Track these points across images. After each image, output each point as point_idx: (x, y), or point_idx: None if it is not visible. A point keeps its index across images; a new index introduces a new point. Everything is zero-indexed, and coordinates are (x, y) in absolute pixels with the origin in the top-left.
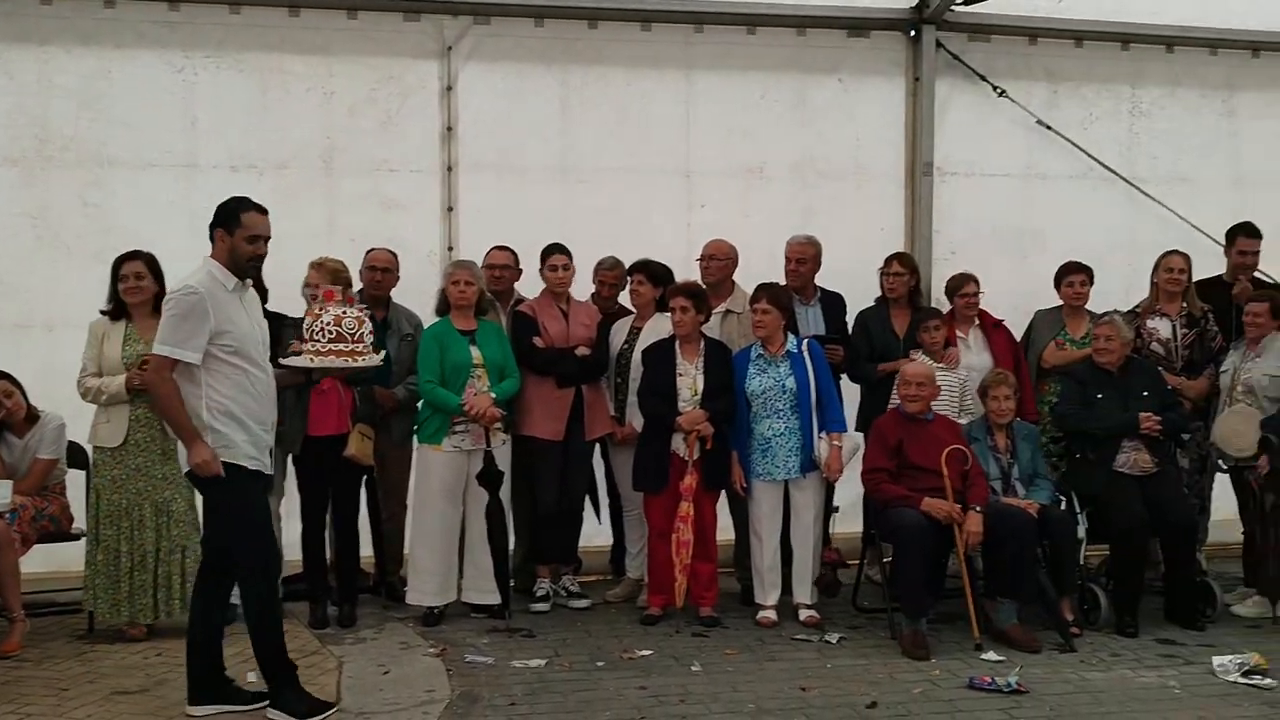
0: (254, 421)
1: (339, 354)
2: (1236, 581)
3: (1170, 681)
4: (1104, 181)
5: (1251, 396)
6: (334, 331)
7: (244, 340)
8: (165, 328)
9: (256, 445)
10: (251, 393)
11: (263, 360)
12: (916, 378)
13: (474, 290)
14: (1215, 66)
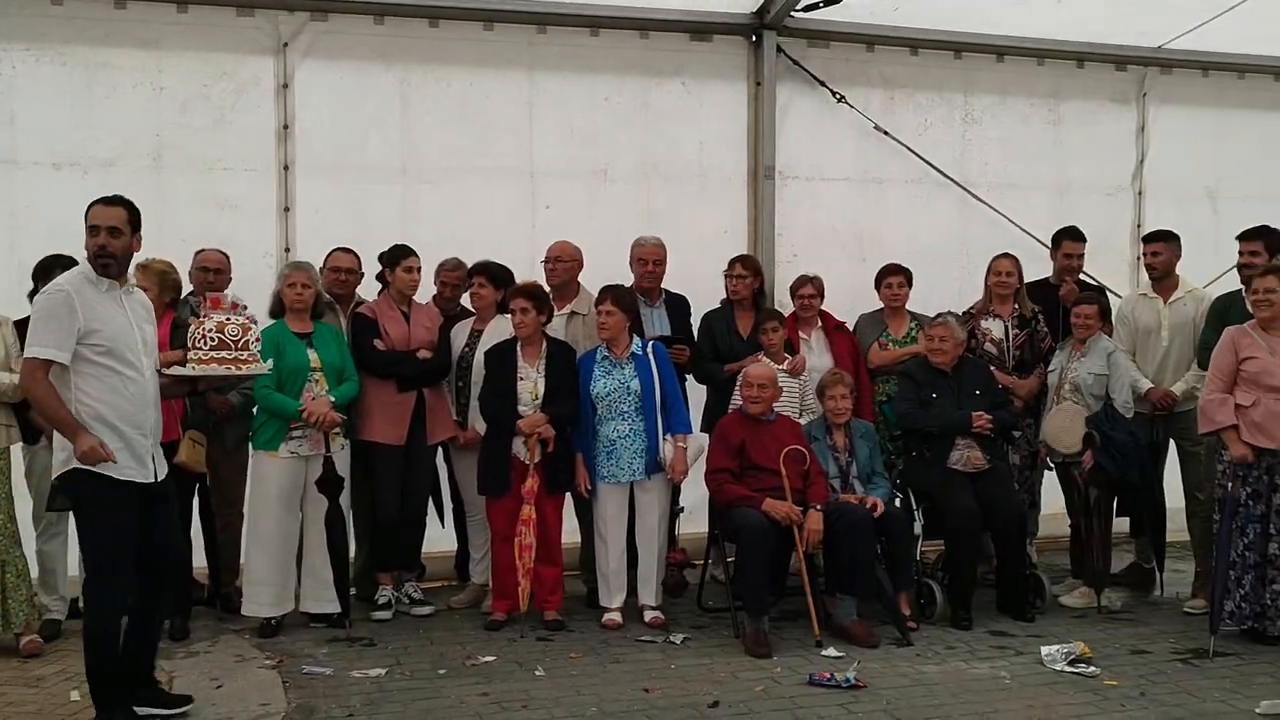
0: (129, 426)
1: (221, 362)
2: (1064, 573)
3: (1001, 672)
4: (938, 186)
5: (1078, 395)
6: (216, 339)
7: (116, 340)
8: (32, 329)
9: (132, 451)
10: (124, 395)
11: (139, 362)
12: (758, 379)
13: (310, 293)
14: (1042, 76)
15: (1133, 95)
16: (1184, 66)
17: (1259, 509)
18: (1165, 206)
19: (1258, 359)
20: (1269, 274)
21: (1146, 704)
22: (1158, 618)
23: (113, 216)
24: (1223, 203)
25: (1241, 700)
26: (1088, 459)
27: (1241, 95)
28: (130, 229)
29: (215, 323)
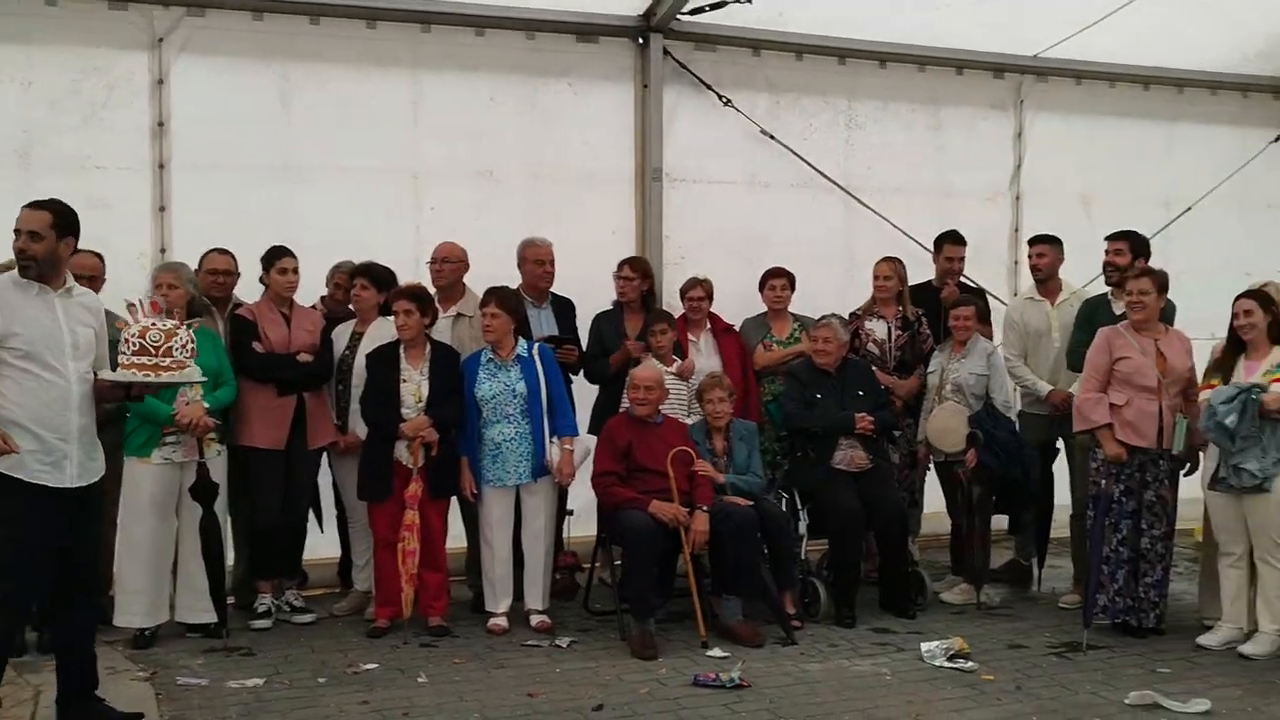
0: (46, 430)
1: (141, 368)
2: (945, 570)
3: (883, 669)
4: (823, 190)
5: (959, 395)
6: (137, 344)
7: (37, 343)
8: None
9: (49, 455)
10: (43, 399)
11: (64, 366)
12: (645, 381)
13: (178, 294)
14: (923, 82)
15: (1010, 102)
16: (1058, 75)
17: (1131, 505)
18: (1041, 211)
19: (1131, 359)
20: (1142, 277)
21: (1022, 697)
22: (1034, 613)
23: (34, 220)
24: (1095, 207)
25: (1112, 692)
26: (971, 457)
27: (1112, 103)
28: (56, 232)
29: (139, 328)
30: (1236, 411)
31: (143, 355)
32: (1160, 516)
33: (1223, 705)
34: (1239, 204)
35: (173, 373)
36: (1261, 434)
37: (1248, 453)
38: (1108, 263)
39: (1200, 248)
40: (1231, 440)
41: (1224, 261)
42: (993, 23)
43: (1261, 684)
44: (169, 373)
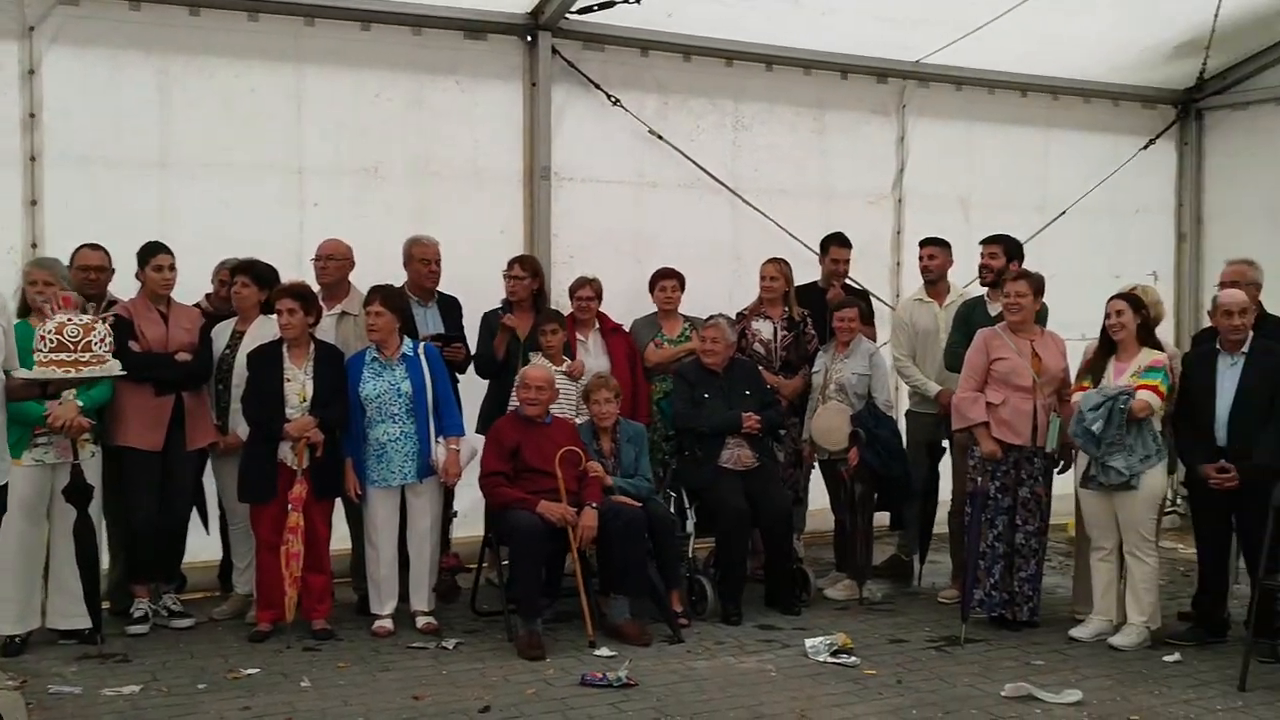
0: None
1: (60, 364)
2: (829, 567)
3: (768, 665)
4: (710, 190)
5: (843, 394)
6: (55, 340)
7: None
8: None
9: None
10: None
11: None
12: (537, 381)
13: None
14: (809, 86)
15: (893, 107)
16: (939, 81)
17: (1007, 501)
18: (923, 214)
19: (1007, 359)
20: (1019, 279)
21: (902, 691)
22: (915, 607)
23: None
24: (974, 211)
25: (989, 684)
26: (854, 456)
27: (991, 109)
28: None
29: (55, 324)
30: (1103, 418)
31: (61, 351)
32: (1034, 512)
33: (1093, 695)
34: (1110, 209)
35: (93, 367)
36: (1128, 435)
37: (1115, 453)
38: (983, 265)
39: (1073, 251)
40: (1098, 446)
41: (1095, 265)
42: (877, 29)
43: (1130, 674)
44: (89, 368)
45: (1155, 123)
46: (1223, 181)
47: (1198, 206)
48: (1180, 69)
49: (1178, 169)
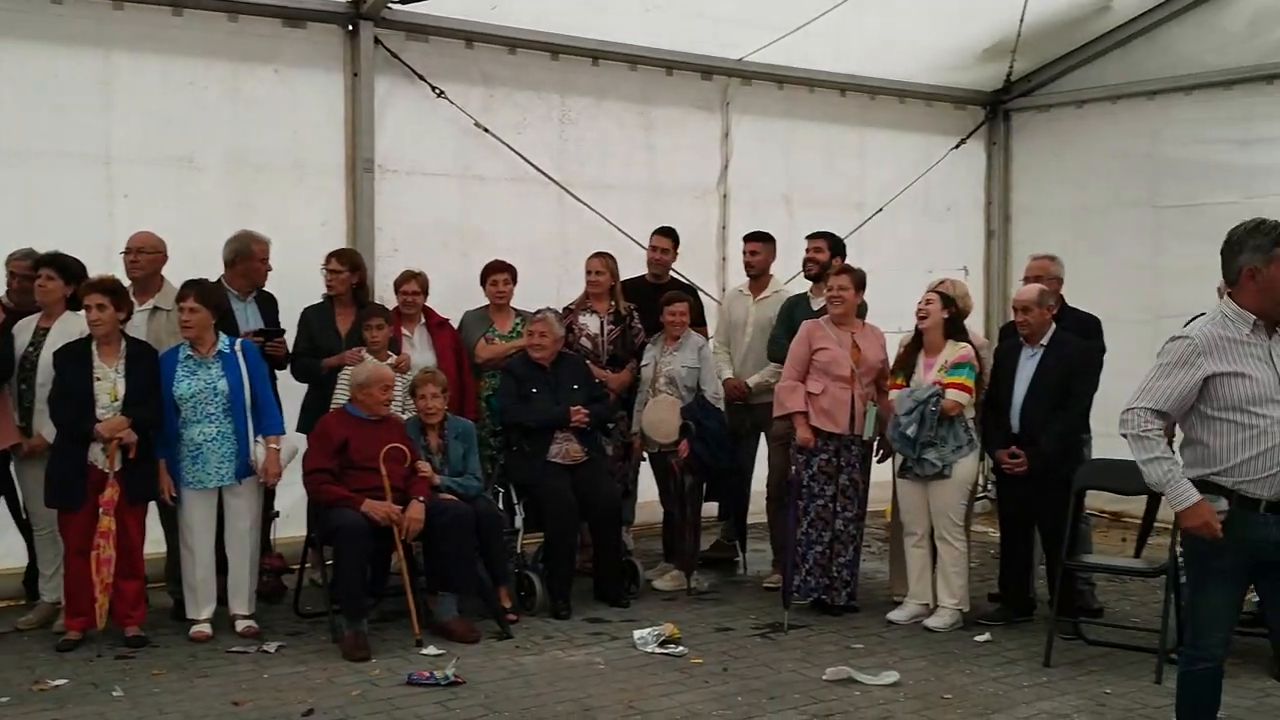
0: None
1: None
2: (658, 558)
3: (597, 658)
4: (538, 184)
5: (672, 387)
6: None
7: None
8: None
9: None
10: None
11: None
12: (386, 380)
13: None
14: (635, 81)
15: (717, 103)
16: (762, 79)
17: (829, 489)
18: (747, 209)
19: (828, 350)
20: (842, 273)
21: (728, 678)
22: (741, 596)
23: None
24: (796, 207)
25: (811, 669)
26: (684, 448)
27: (812, 108)
28: None
29: None
30: (916, 422)
31: None
32: (853, 499)
33: (910, 676)
34: (924, 206)
35: None
36: (941, 428)
37: (929, 446)
38: (808, 259)
39: (889, 247)
40: (913, 448)
41: (911, 260)
42: (701, 26)
43: (944, 655)
44: None
45: (966, 123)
46: (1029, 180)
47: (1006, 204)
48: (989, 72)
49: (987, 168)
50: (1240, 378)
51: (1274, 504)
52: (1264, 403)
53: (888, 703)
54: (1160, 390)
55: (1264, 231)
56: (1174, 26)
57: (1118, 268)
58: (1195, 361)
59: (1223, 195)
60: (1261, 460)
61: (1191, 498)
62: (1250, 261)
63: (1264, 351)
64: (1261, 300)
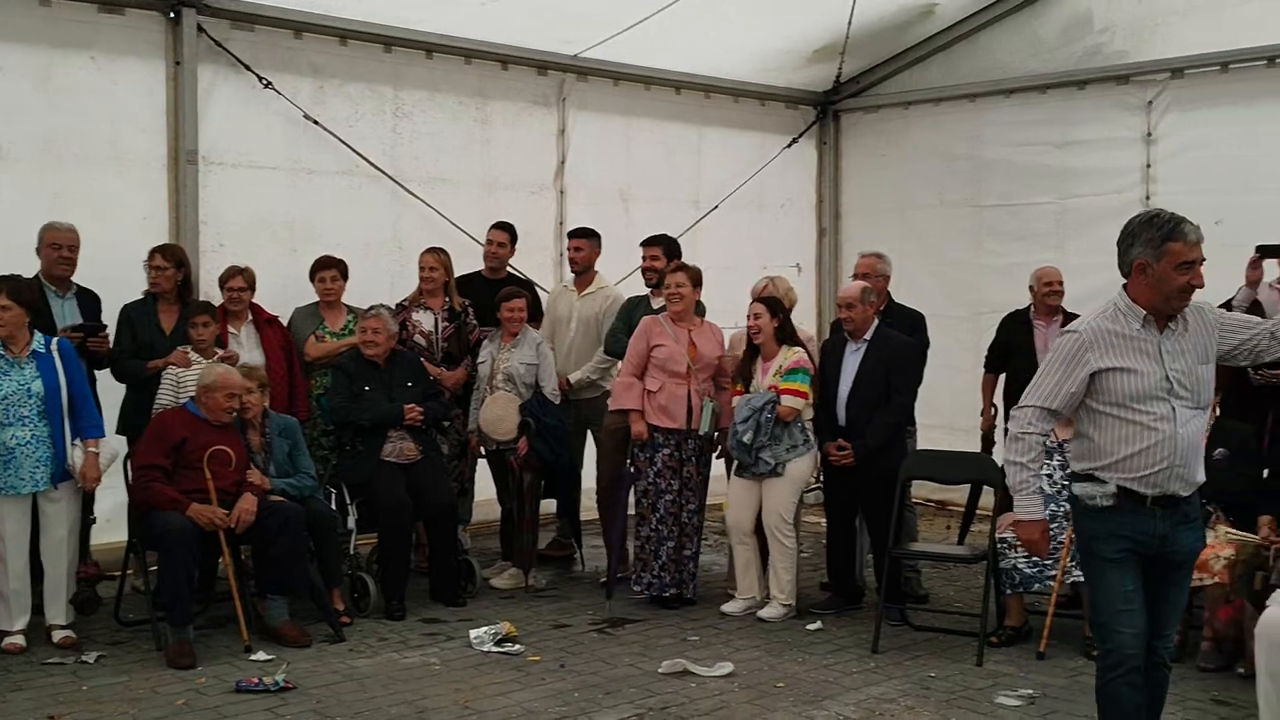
0: None
1: None
2: (495, 556)
3: (432, 659)
4: (370, 178)
5: (510, 384)
6: None
7: None
8: None
9: None
10: None
11: None
12: (235, 387)
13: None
14: (470, 75)
15: (553, 99)
16: (598, 75)
17: (674, 484)
18: (584, 206)
19: (665, 346)
20: (679, 271)
21: (565, 675)
22: (579, 592)
23: None
24: (633, 204)
25: (648, 662)
26: (523, 445)
27: (648, 105)
28: None
29: None
30: (752, 429)
31: None
32: (695, 492)
33: (744, 666)
34: (759, 204)
35: None
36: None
37: (766, 447)
38: (646, 268)
39: (725, 243)
40: (750, 454)
41: (746, 256)
42: (537, 21)
43: (777, 644)
44: None
45: (798, 123)
46: (858, 179)
47: (836, 202)
48: (819, 73)
49: (818, 167)
50: (1127, 373)
51: (1159, 499)
52: (1150, 399)
53: (722, 693)
54: (1048, 388)
55: (1156, 225)
56: (994, 32)
57: (941, 265)
58: (1081, 357)
59: (1039, 196)
60: (1145, 456)
61: (1034, 513)
62: (1142, 255)
63: (1154, 347)
64: (1152, 295)
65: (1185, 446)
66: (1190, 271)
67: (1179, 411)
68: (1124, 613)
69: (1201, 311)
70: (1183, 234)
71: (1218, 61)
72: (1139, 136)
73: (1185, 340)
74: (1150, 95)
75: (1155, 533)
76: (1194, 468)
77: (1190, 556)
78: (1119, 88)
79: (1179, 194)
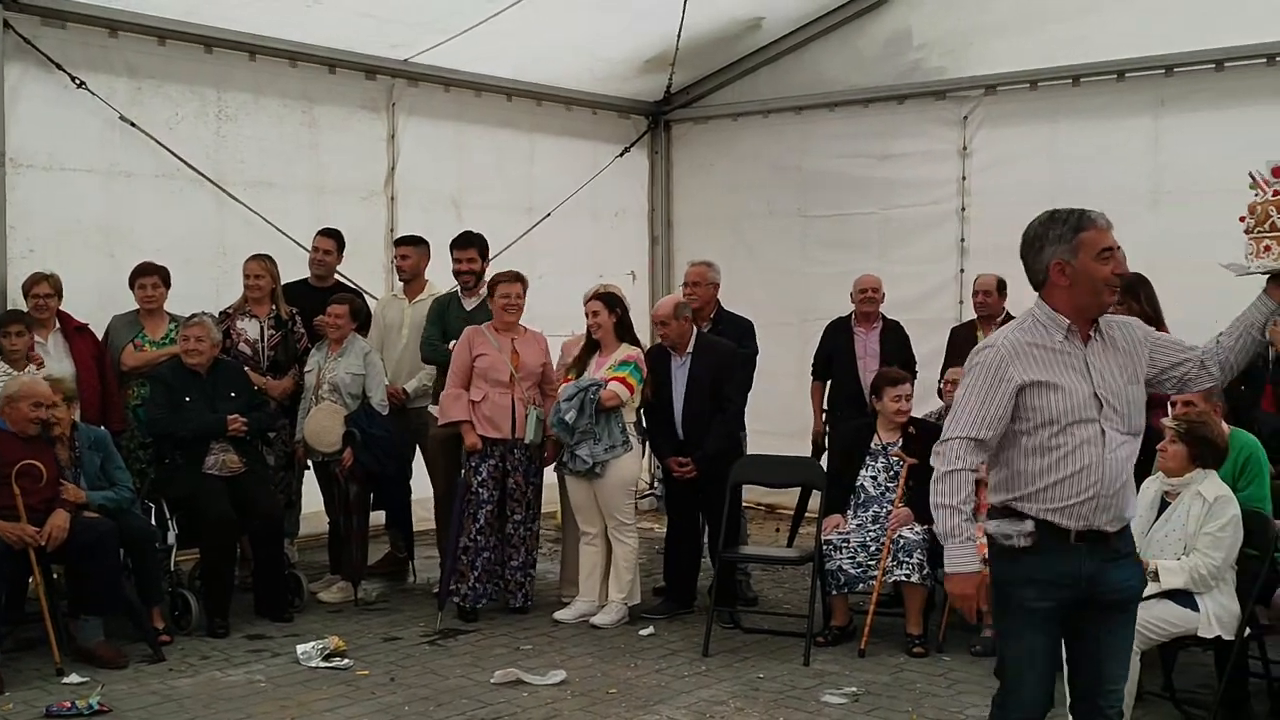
0: None
1: None
2: (324, 570)
3: (258, 676)
4: (192, 182)
5: (336, 394)
6: None
7: None
8: None
9: None
10: None
11: None
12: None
13: None
14: (296, 78)
15: (383, 104)
16: (428, 80)
17: (496, 494)
18: (416, 212)
19: (488, 355)
20: (515, 281)
21: (395, 689)
22: (410, 604)
23: None
24: (466, 210)
25: (480, 673)
26: (348, 456)
27: (480, 112)
28: None
29: None
30: (576, 408)
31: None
32: (521, 502)
33: (576, 674)
34: (593, 212)
35: None
36: (598, 425)
37: (584, 441)
38: (462, 270)
39: (560, 251)
40: (571, 434)
41: (581, 264)
42: (364, 25)
43: (610, 650)
44: None
45: (630, 132)
46: (689, 188)
47: (668, 211)
48: (650, 83)
49: (650, 176)
50: (1052, 389)
51: (1084, 534)
52: (1075, 420)
53: (555, 701)
54: (971, 414)
55: (1061, 220)
56: (819, 46)
57: (770, 273)
58: (1003, 373)
59: (862, 206)
60: (1069, 485)
61: (964, 566)
62: (1055, 255)
63: (1079, 361)
64: (1075, 297)
65: (1114, 475)
66: (1112, 259)
67: (1109, 435)
68: (1032, 672)
69: (1129, 327)
70: (1092, 221)
71: (1027, 79)
72: (955, 150)
73: (1113, 356)
74: (965, 110)
75: (1081, 573)
76: (1124, 500)
77: (1129, 597)
78: (937, 103)
79: (991, 206)
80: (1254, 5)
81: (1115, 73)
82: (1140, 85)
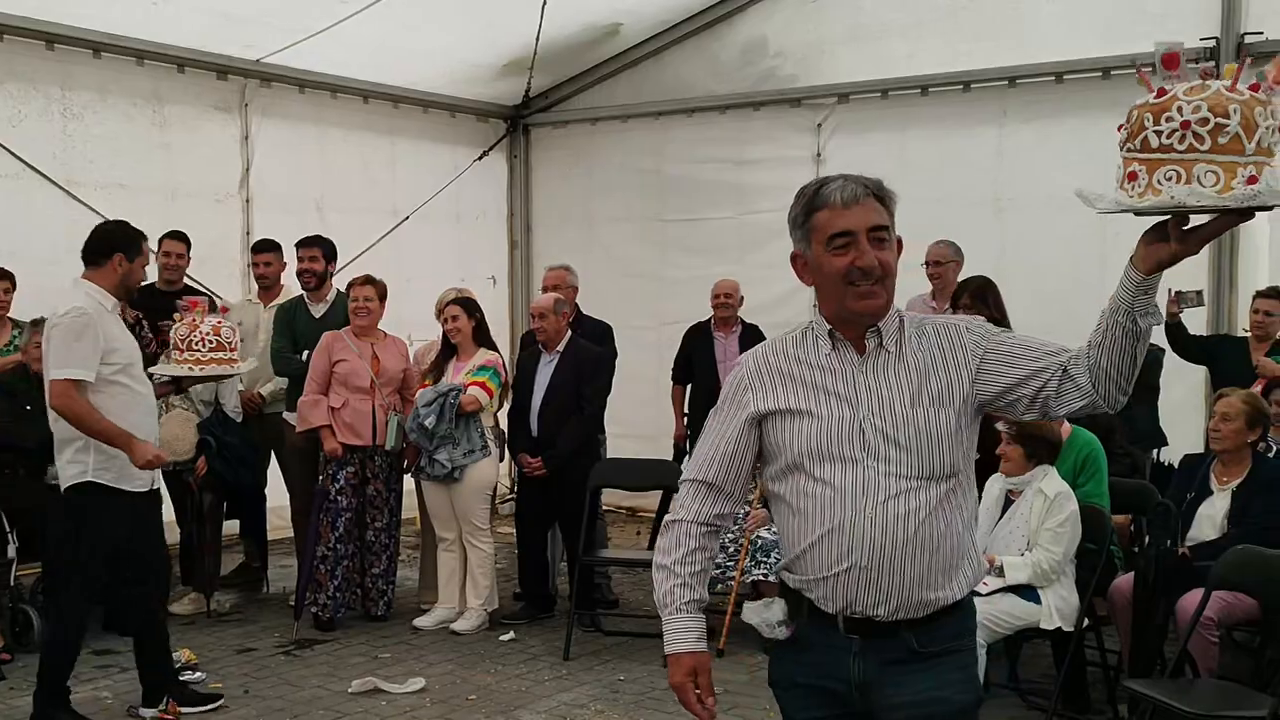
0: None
1: (219, 362)
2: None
3: (104, 692)
4: (38, 183)
5: (188, 401)
6: (214, 341)
7: (130, 357)
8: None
9: None
10: (139, 410)
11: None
12: None
13: None
14: (144, 77)
15: (235, 104)
16: (282, 82)
17: (355, 501)
18: (275, 215)
19: (347, 361)
20: (366, 284)
21: (249, 700)
22: (266, 614)
23: None
24: (329, 213)
25: (337, 683)
26: (201, 465)
27: (338, 114)
28: None
29: (211, 325)
30: (435, 413)
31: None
32: (382, 509)
33: (436, 681)
34: (455, 215)
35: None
36: (457, 430)
37: (443, 446)
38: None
39: (423, 254)
40: (430, 439)
41: (444, 267)
42: (215, 24)
43: (470, 656)
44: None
45: (489, 136)
46: (548, 193)
47: (527, 215)
48: (509, 87)
49: (509, 180)
50: (797, 418)
51: (854, 622)
52: (830, 458)
53: (414, 709)
54: (702, 451)
55: (801, 198)
56: (676, 53)
57: (628, 277)
58: (738, 398)
59: (719, 211)
60: (820, 551)
61: (676, 644)
62: (795, 244)
63: (844, 380)
64: (823, 299)
65: (883, 538)
66: (849, 249)
67: (877, 481)
68: None
69: (949, 330)
70: (824, 198)
71: (879, 89)
72: (810, 156)
73: (902, 372)
74: (819, 118)
75: (851, 678)
76: (909, 573)
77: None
78: (792, 110)
79: None
80: (1091, 22)
81: (962, 83)
82: (985, 96)
